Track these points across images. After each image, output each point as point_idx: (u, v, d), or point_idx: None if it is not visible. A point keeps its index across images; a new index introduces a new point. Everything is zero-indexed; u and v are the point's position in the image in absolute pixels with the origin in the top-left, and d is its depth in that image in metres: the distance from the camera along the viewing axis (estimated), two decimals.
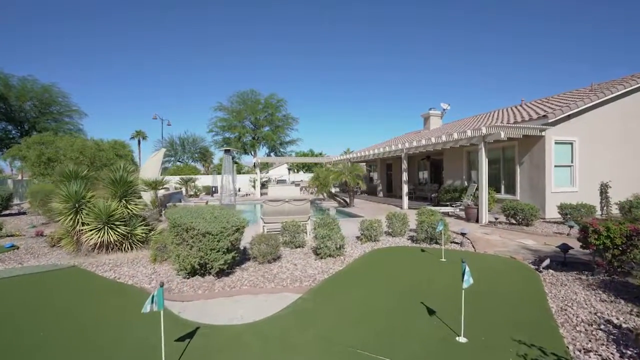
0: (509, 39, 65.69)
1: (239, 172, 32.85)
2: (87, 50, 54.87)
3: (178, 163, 47.00)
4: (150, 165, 14.84)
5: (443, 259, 5.53)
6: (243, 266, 5.38)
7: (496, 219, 8.91)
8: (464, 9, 57.29)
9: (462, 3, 56.18)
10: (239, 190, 27.63)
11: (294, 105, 76.08)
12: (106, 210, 5.96)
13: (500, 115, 14.67)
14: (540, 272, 4.74)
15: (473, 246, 6.54)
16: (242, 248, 6.28)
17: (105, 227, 6.01)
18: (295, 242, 6.53)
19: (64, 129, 28.94)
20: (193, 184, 21.68)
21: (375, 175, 25.33)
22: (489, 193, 10.63)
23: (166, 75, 65.67)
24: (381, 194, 21.84)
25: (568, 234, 7.36)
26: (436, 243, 6.67)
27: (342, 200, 15.40)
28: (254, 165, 26.30)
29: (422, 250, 6.22)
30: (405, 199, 13.84)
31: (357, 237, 7.40)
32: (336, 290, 4.28)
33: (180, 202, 15.09)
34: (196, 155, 48.91)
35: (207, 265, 4.61)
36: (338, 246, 5.72)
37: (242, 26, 60.52)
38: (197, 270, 4.72)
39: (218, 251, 4.52)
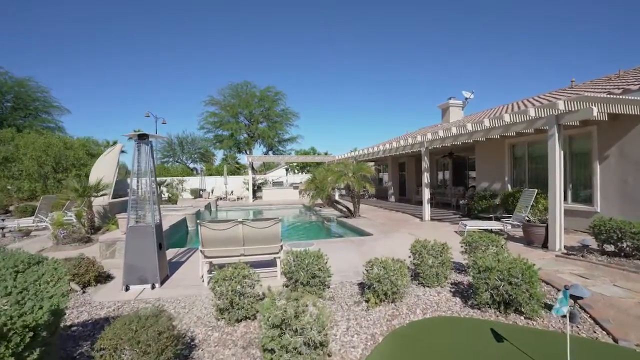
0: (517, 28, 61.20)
1: (232, 173, 29.78)
2: (85, 51, 52.59)
3: (177, 163, 44.36)
4: (102, 164, 11.85)
5: None
6: None
7: (585, 247, 5.53)
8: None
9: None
10: (231, 193, 24.58)
11: (298, 106, 72.71)
12: None
13: (553, 100, 11.15)
14: None
15: (599, 324, 3.21)
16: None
17: None
18: (236, 311, 3.31)
19: (41, 126, 26.38)
20: (165, 187, 18.57)
21: (385, 177, 22.02)
22: (539, 200, 7.33)
23: (171, 77, 62.83)
24: (393, 199, 18.52)
25: None
26: (517, 311, 3.38)
27: (344, 209, 12.15)
28: (252, 165, 23.31)
29: (499, 339, 2.92)
30: (427, 207, 10.52)
31: (361, 288, 4.17)
32: None
33: None
34: (195, 155, 46.28)
35: None
36: (316, 343, 2.48)
37: (244, 28, 57.55)
38: None
39: None
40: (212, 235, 4.58)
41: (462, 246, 4.81)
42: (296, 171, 31.26)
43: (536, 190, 7.46)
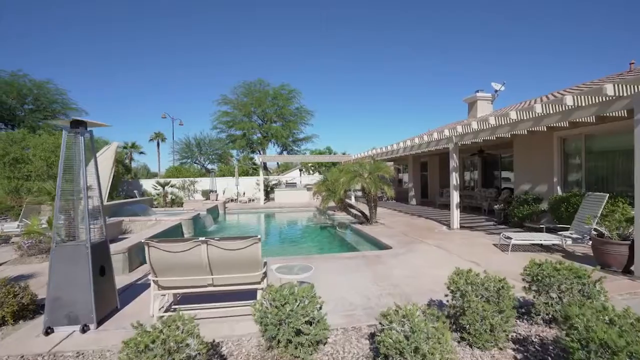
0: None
1: (245, 174, 28.82)
2: (102, 54, 53.79)
3: (195, 164, 44.19)
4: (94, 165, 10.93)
5: None
6: None
7: None
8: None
9: None
10: (243, 194, 23.61)
11: (314, 105, 71.35)
12: None
13: (607, 83, 9.14)
14: None
15: None
16: None
17: None
18: None
19: (59, 127, 26.55)
20: (170, 187, 17.64)
21: (405, 177, 20.33)
22: (609, 208, 5.54)
23: (189, 78, 63.29)
24: (414, 201, 16.82)
25: None
26: None
27: (358, 213, 10.70)
28: (264, 165, 22.25)
29: None
30: (456, 212, 8.90)
31: (374, 344, 2.75)
32: None
33: (142, 215, 11.10)
34: (213, 156, 45.98)
35: None
36: None
37: (256, 28, 56.97)
38: None
39: None
40: (164, 259, 3.30)
41: (524, 279, 3.29)
42: (311, 172, 29.98)
43: (607, 194, 5.73)
